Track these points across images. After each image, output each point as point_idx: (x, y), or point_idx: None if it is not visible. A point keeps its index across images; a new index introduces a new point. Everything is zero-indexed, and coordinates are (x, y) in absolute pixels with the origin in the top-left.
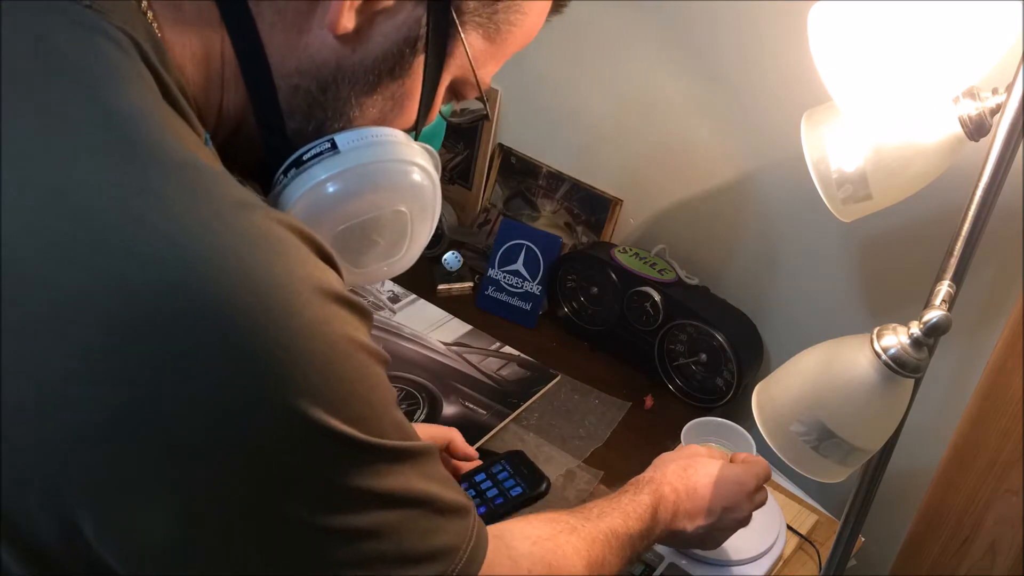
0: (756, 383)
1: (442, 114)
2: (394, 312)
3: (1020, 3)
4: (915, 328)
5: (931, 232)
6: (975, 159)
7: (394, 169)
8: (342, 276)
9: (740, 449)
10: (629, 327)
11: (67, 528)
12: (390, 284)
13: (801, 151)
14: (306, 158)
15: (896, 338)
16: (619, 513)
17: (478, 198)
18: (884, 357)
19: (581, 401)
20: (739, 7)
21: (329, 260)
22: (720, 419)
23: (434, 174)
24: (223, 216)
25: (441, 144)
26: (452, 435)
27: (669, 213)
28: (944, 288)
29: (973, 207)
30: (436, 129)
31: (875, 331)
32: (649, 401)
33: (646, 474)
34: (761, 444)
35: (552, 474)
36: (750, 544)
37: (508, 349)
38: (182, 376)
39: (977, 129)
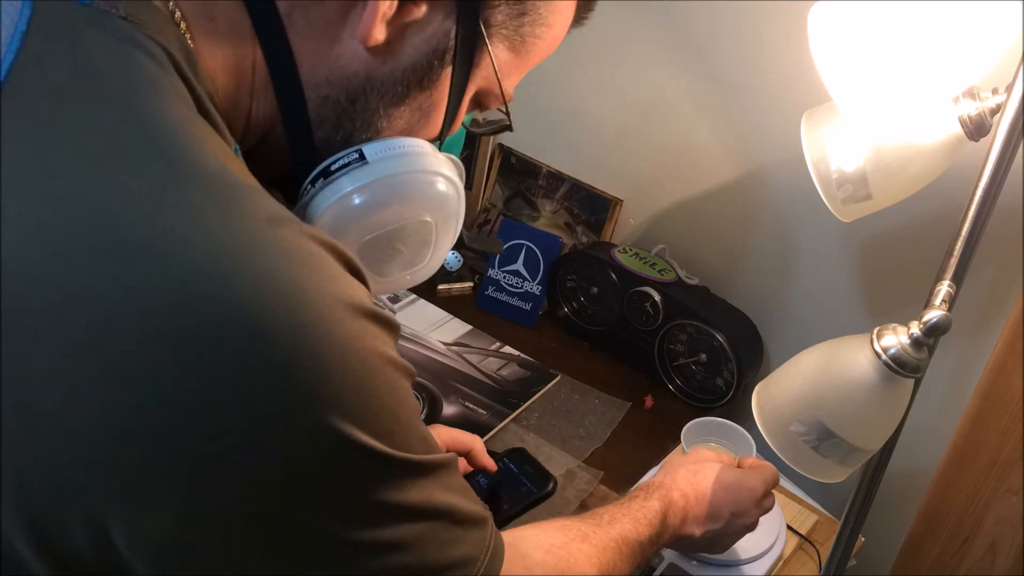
0: (756, 383)
1: (463, 123)
2: (394, 312)
3: (1020, 3)
4: (915, 328)
5: (931, 232)
6: (975, 159)
7: (421, 180)
8: (369, 288)
9: (740, 449)
10: (629, 327)
11: (98, 536)
12: None
13: (801, 151)
14: (334, 168)
15: (896, 338)
16: (629, 519)
17: (478, 198)
18: (884, 357)
19: (581, 401)
20: (739, 7)
21: (358, 274)
22: (720, 419)
23: (459, 184)
24: (257, 232)
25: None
26: (475, 444)
27: (669, 213)
28: (944, 288)
29: (973, 207)
30: (456, 138)
31: (875, 331)
32: (649, 401)
33: (655, 479)
34: (761, 444)
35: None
36: (750, 544)
37: (508, 349)
38: (216, 389)
39: (977, 129)
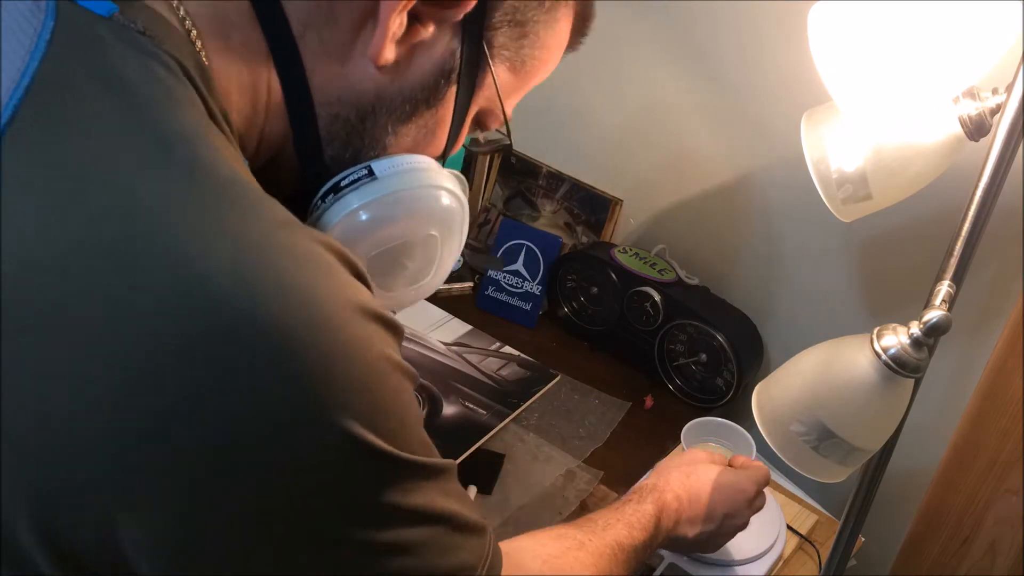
0: (756, 383)
1: (463, 143)
2: (394, 312)
3: (1020, 3)
4: (915, 328)
5: (931, 232)
6: (975, 159)
7: (428, 195)
8: (373, 294)
9: (740, 449)
10: (629, 327)
11: (105, 535)
12: None
13: (801, 151)
14: (343, 184)
15: (896, 338)
16: (624, 524)
17: (478, 198)
18: (884, 357)
19: (581, 401)
20: (739, 7)
21: (364, 280)
22: (720, 419)
23: (463, 199)
24: (272, 236)
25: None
26: None
27: (669, 213)
28: (944, 288)
29: (973, 207)
30: (456, 157)
31: (875, 331)
32: (649, 401)
33: (648, 481)
34: (761, 444)
35: (552, 474)
36: (750, 544)
37: (508, 349)
38: (230, 391)
39: (977, 129)
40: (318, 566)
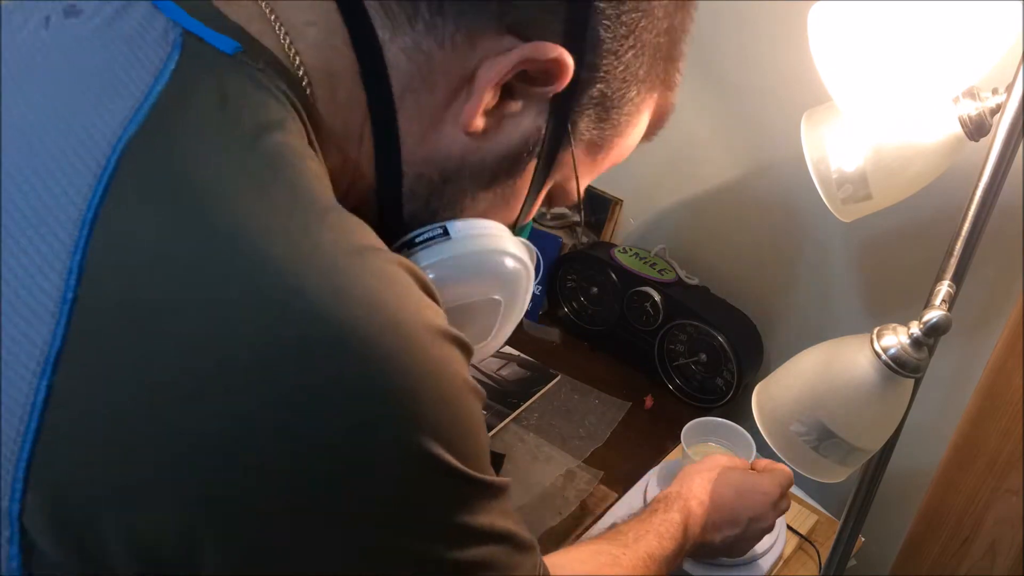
0: (756, 383)
1: (533, 218)
2: None
3: (1020, 3)
4: (915, 328)
5: (931, 232)
6: (975, 159)
7: (497, 260)
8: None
9: (739, 449)
10: (629, 327)
11: (184, 530)
12: None
13: (801, 151)
14: (418, 241)
15: (896, 338)
16: (654, 535)
17: None
18: (884, 357)
19: (581, 401)
20: (739, 7)
21: (438, 303)
22: (720, 419)
23: (530, 267)
24: (364, 257)
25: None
26: None
27: (669, 213)
28: (944, 288)
29: (973, 207)
30: (526, 229)
31: (875, 331)
32: (649, 401)
33: (672, 489)
34: (761, 444)
35: (552, 474)
36: None
37: (508, 349)
38: (317, 401)
39: (977, 129)
40: None
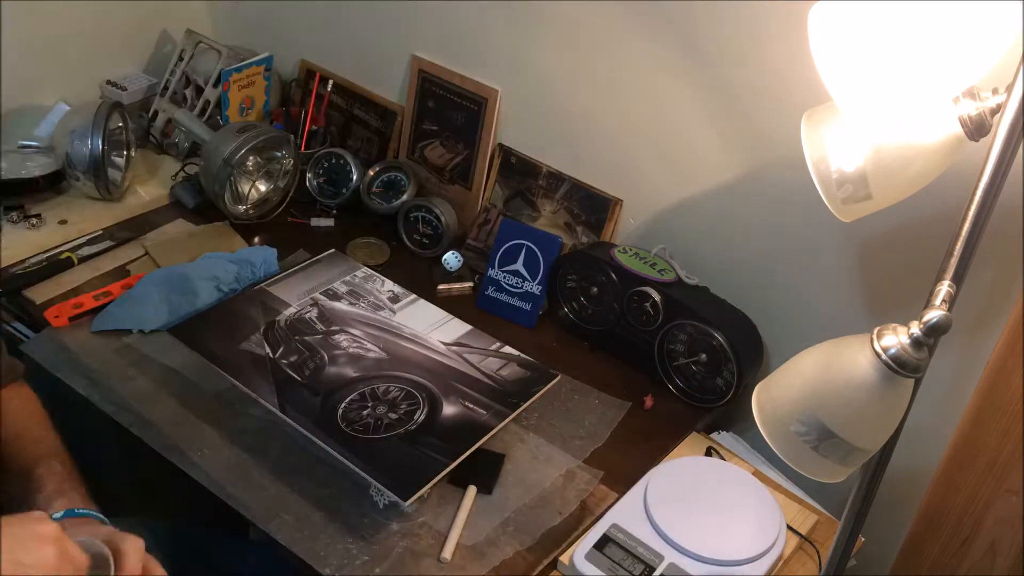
0: (756, 383)
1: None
2: (394, 312)
3: (1020, 3)
4: (915, 328)
5: (931, 232)
6: (975, 159)
7: None
8: None
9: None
10: (629, 327)
11: None
12: (390, 284)
13: (801, 151)
14: None
15: (896, 338)
16: None
17: (478, 198)
18: (884, 357)
19: (581, 401)
20: (739, 7)
21: None
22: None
23: None
24: None
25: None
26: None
27: (669, 213)
28: (944, 288)
29: (973, 207)
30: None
31: (875, 331)
32: (649, 401)
33: None
34: (761, 444)
35: (552, 474)
36: (750, 544)
37: (508, 349)
38: None
39: (977, 129)
40: None
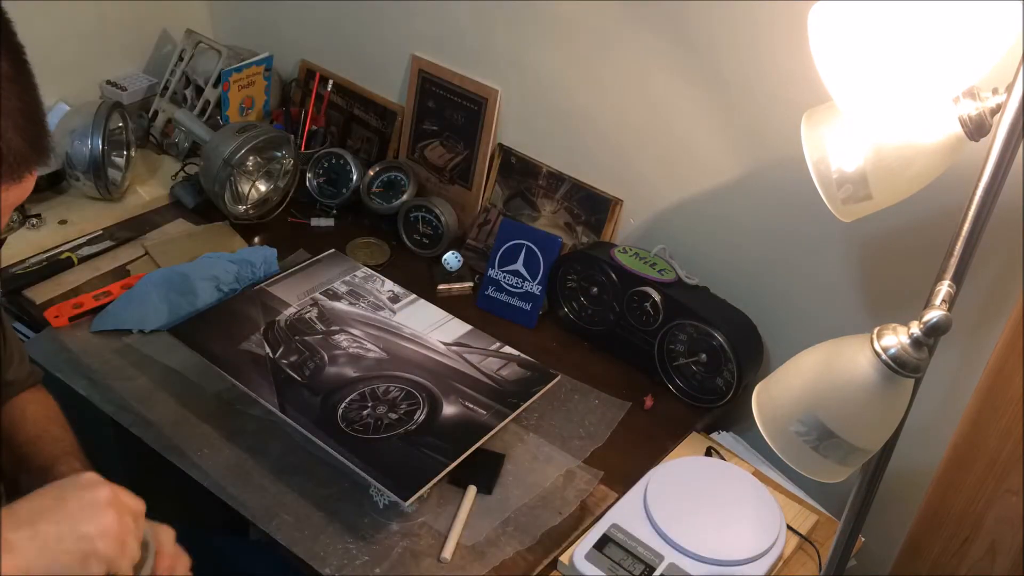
0: (756, 383)
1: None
2: (394, 312)
3: (1020, 3)
4: (915, 328)
5: (931, 232)
6: (975, 159)
7: None
8: None
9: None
10: (629, 327)
11: None
12: (390, 284)
13: (801, 151)
14: None
15: (896, 338)
16: None
17: (478, 198)
18: (884, 357)
19: (581, 401)
20: (739, 7)
21: None
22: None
23: None
24: None
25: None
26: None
27: (669, 213)
28: (944, 288)
29: (973, 207)
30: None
31: (875, 331)
32: (649, 401)
33: None
34: (761, 444)
35: (552, 474)
36: (750, 544)
37: (508, 349)
38: None
39: (977, 129)
40: None
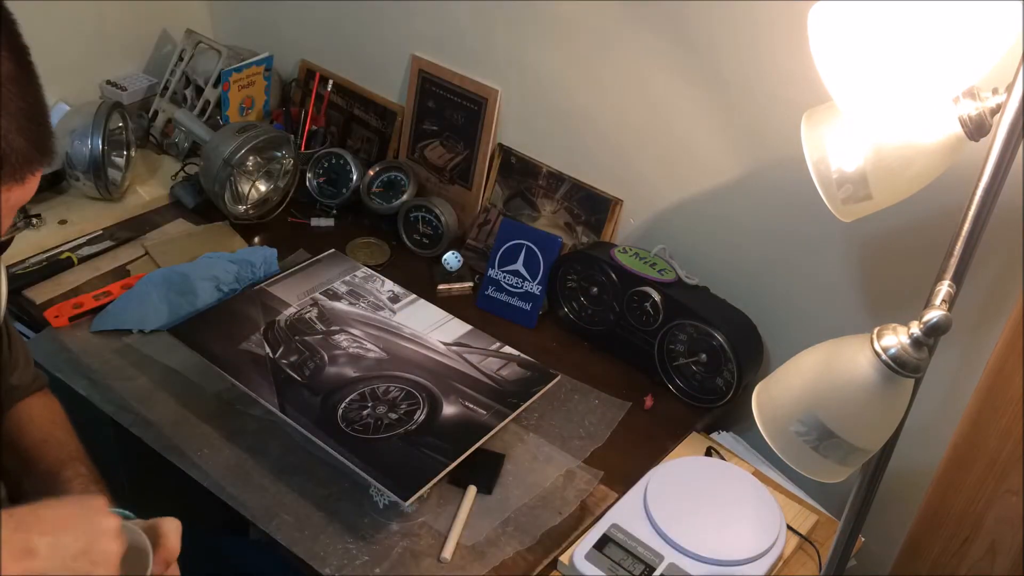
0: (756, 383)
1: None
2: (394, 312)
3: (1020, 3)
4: (915, 328)
5: (931, 232)
6: (975, 159)
7: None
8: None
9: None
10: (629, 327)
11: None
12: (390, 284)
13: (801, 151)
14: None
15: (896, 338)
16: None
17: (478, 198)
18: (884, 357)
19: (581, 401)
20: (739, 7)
21: None
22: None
23: None
24: None
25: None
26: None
27: (669, 213)
28: (944, 288)
29: (973, 207)
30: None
31: (875, 331)
32: (649, 401)
33: None
34: (761, 444)
35: (552, 474)
36: (750, 544)
37: (508, 349)
38: None
39: (977, 129)
40: None
